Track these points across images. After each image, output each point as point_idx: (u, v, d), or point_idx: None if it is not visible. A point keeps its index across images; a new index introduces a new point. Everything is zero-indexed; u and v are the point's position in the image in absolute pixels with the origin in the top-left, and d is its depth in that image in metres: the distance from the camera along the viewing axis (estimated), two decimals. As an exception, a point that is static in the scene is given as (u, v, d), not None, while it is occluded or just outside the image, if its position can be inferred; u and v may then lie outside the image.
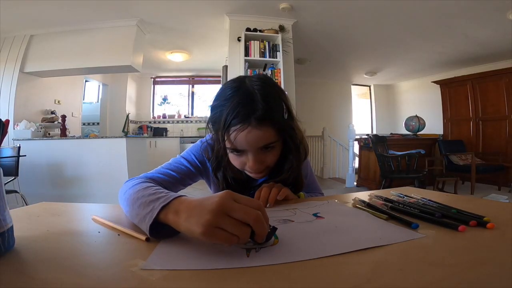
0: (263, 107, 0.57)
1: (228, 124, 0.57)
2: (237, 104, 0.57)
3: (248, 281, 0.27)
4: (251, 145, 0.59)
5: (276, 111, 0.60)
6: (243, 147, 0.59)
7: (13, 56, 3.47)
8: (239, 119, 0.56)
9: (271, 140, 0.60)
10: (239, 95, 0.58)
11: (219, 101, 0.61)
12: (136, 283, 0.26)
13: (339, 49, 4.39)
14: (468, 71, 4.71)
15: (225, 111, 0.57)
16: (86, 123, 5.09)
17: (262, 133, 0.57)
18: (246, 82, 0.61)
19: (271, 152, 0.62)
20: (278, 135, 0.61)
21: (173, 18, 3.43)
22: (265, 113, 0.56)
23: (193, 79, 6.12)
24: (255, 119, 0.56)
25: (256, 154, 0.60)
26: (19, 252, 0.34)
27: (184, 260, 0.32)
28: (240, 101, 0.57)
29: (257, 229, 0.34)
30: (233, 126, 0.56)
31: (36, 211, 0.55)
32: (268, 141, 0.59)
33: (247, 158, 0.61)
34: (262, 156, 0.61)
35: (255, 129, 0.56)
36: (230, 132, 0.57)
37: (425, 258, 0.31)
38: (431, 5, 2.95)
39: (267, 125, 0.57)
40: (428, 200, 0.57)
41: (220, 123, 0.58)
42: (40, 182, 3.18)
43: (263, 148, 0.60)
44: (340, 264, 0.31)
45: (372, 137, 3.77)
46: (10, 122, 0.39)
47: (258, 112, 0.56)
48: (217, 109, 0.60)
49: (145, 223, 0.38)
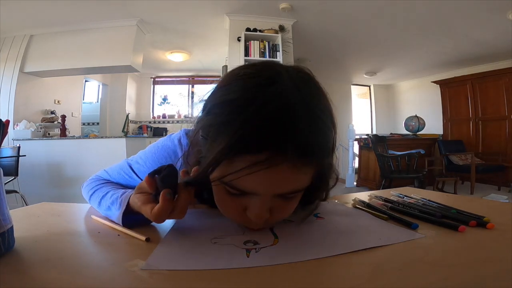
0: (309, 133, 0.33)
1: (242, 148, 0.32)
2: (265, 119, 0.31)
3: (248, 281, 0.27)
4: (270, 189, 0.36)
5: (324, 142, 0.36)
6: (255, 190, 0.35)
7: (13, 56, 3.47)
8: (265, 146, 0.31)
9: (303, 186, 0.38)
10: (271, 103, 0.32)
11: (230, 100, 0.35)
12: (136, 283, 0.26)
13: (339, 49, 4.38)
14: (468, 71, 4.71)
15: (239, 123, 0.32)
16: (86, 123, 5.09)
17: (296, 176, 0.35)
18: (285, 79, 0.35)
19: (289, 202, 0.39)
20: (313, 177, 0.38)
21: (173, 18, 3.42)
22: (309, 144, 0.33)
23: (193, 79, 6.12)
24: (293, 152, 0.32)
25: (269, 200, 0.37)
26: (19, 252, 0.34)
27: (184, 260, 0.32)
28: (271, 114, 0.31)
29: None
30: (251, 154, 0.32)
31: (36, 211, 0.55)
32: (299, 188, 0.37)
33: (250, 202, 0.37)
34: (276, 204, 0.38)
35: (287, 169, 0.33)
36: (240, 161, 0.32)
37: (425, 258, 0.31)
38: (431, 5, 2.95)
39: (307, 163, 0.35)
40: (428, 200, 0.57)
41: (224, 138, 0.32)
42: (40, 182, 3.18)
43: (284, 195, 0.37)
44: (340, 264, 0.31)
45: (372, 137, 3.77)
46: (10, 122, 0.39)
47: (300, 140, 0.32)
48: (223, 110, 0.35)
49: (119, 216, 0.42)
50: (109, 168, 0.61)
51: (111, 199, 0.47)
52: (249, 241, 0.37)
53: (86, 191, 0.57)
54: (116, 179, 0.59)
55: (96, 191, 0.54)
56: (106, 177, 0.60)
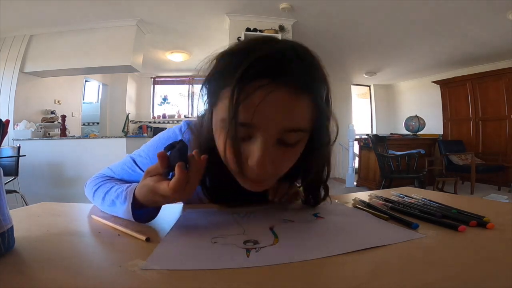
0: (305, 67, 0.39)
1: (241, 75, 0.36)
2: (266, 55, 0.37)
3: (248, 281, 0.27)
4: (270, 119, 0.37)
5: (318, 85, 0.41)
6: (255, 120, 0.37)
7: (13, 56, 3.47)
8: (265, 72, 0.36)
9: (301, 124, 0.40)
10: (270, 47, 0.38)
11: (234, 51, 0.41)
12: (136, 283, 0.26)
13: (339, 49, 4.39)
14: (468, 71, 4.72)
15: (245, 57, 0.36)
16: (86, 123, 5.09)
17: (295, 104, 0.38)
18: (282, 40, 0.43)
19: (290, 151, 0.41)
20: (311, 121, 0.41)
21: (173, 18, 3.42)
22: (307, 76, 0.38)
23: (193, 79, 6.11)
24: (292, 80, 0.37)
25: (270, 141, 0.39)
26: (19, 252, 0.34)
27: (184, 260, 0.32)
28: (271, 53, 0.37)
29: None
30: (254, 81, 0.36)
31: (36, 211, 0.55)
32: (297, 124, 0.39)
33: (252, 148, 0.39)
34: (277, 152, 0.40)
35: (286, 93, 0.37)
36: (246, 89, 0.36)
37: (425, 258, 0.31)
38: (431, 5, 2.95)
39: (305, 95, 0.38)
40: (428, 200, 0.57)
41: (226, 76, 0.38)
42: (40, 182, 3.18)
43: (284, 135, 0.39)
44: (340, 264, 0.31)
45: (372, 137, 3.77)
46: (10, 122, 0.39)
47: (298, 72, 0.37)
48: (229, 59, 0.40)
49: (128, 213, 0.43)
50: (112, 165, 0.62)
51: (116, 193, 0.47)
52: (249, 241, 0.37)
53: (90, 188, 0.57)
54: (120, 175, 0.59)
55: (100, 187, 0.54)
56: (109, 174, 0.61)
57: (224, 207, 0.54)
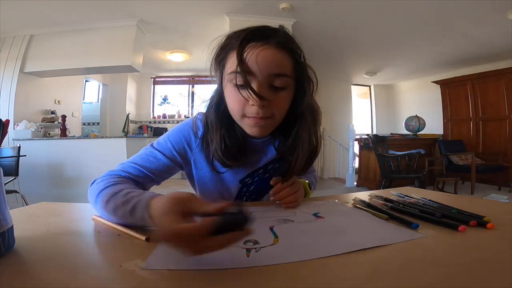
0: (284, 37, 0.54)
1: (241, 40, 0.50)
2: (256, 28, 0.53)
3: (248, 281, 0.27)
4: (263, 66, 0.50)
5: (296, 48, 0.55)
6: (253, 68, 0.50)
7: (13, 56, 3.47)
8: (257, 38, 0.51)
9: (286, 71, 0.53)
10: (259, 26, 0.55)
11: (235, 31, 0.55)
12: (136, 283, 0.26)
13: (339, 49, 4.38)
14: (468, 71, 4.71)
15: (241, 33, 0.52)
16: (86, 123, 5.09)
17: (279, 56, 0.52)
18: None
19: (280, 94, 0.53)
20: (293, 71, 0.54)
21: (173, 18, 3.42)
22: (286, 42, 0.53)
23: (193, 79, 6.12)
24: (275, 42, 0.52)
25: (263, 81, 0.51)
26: (19, 252, 0.34)
27: (184, 260, 0.32)
28: (260, 27, 0.54)
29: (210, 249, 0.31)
30: (248, 44, 0.51)
31: (36, 211, 0.55)
32: (283, 70, 0.52)
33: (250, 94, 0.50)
34: (269, 94, 0.52)
35: (272, 49, 0.51)
36: (242, 51, 0.50)
37: (425, 258, 0.31)
38: (431, 5, 2.95)
39: (285, 52, 0.53)
40: (428, 200, 0.57)
41: (231, 45, 0.53)
42: (40, 182, 3.18)
43: (274, 80, 0.52)
44: (340, 264, 0.31)
45: (372, 137, 3.77)
46: (10, 122, 0.39)
47: (279, 39, 0.52)
48: (232, 35, 0.55)
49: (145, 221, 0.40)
50: (132, 157, 0.61)
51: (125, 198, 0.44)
52: (249, 241, 0.37)
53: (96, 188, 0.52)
54: (143, 165, 0.58)
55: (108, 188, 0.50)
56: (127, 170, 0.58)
57: None
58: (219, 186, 0.66)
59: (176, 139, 0.61)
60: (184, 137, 0.62)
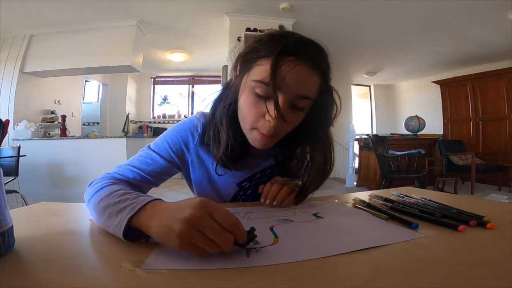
0: (319, 53, 0.52)
1: (279, 52, 0.47)
2: (295, 39, 0.50)
3: (248, 281, 0.27)
4: (293, 85, 0.48)
5: (327, 69, 0.53)
6: (283, 85, 0.48)
7: (13, 56, 3.47)
8: (295, 52, 0.48)
9: (312, 94, 0.51)
10: (296, 36, 0.51)
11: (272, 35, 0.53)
12: (136, 283, 0.26)
13: (339, 49, 4.38)
14: (468, 71, 4.71)
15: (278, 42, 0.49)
16: (86, 123, 5.09)
17: (311, 77, 0.50)
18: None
19: (296, 114, 0.52)
20: (317, 93, 0.52)
21: (173, 18, 3.42)
22: (320, 61, 0.51)
23: (193, 79, 6.12)
24: (310, 61, 0.49)
25: (288, 101, 0.49)
26: (19, 252, 0.34)
27: (184, 260, 0.32)
28: (296, 39, 0.50)
29: (226, 250, 0.32)
30: (285, 57, 0.47)
31: (36, 211, 0.55)
32: (309, 93, 0.51)
33: (270, 105, 0.49)
34: (288, 113, 0.50)
35: (306, 68, 0.48)
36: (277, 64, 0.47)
37: (425, 258, 0.31)
38: (431, 5, 2.95)
39: (317, 72, 0.50)
40: (428, 200, 0.57)
41: (264, 51, 0.49)
42: (40, 182, 3.18)
43: (298, 101, 0.50)
44: (340, 264, 0.31)
45: (372, 137, 3.77)
46: (10, 122, 0.39)
47: (314, 56, 0.50)
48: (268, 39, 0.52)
49: (117, 234, 0.37)
50: (130, 159, 0.60)
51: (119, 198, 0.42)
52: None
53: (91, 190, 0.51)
54: (140, 167, 0.57)
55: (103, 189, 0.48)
56: (123, 173, 0.56)
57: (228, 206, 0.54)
58: (216, 188, 0.65)
59: (173, 139, 0.60)
60: (181, 137, 0.61)
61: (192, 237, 0.31)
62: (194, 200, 0.33)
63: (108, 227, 0.40)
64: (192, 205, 0.32)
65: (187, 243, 0.31)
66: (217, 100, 0.60)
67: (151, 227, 0.34)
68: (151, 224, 0.34)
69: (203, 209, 0.32)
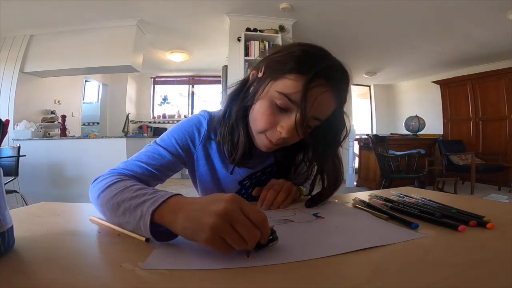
0: (342, 83, 0.53)
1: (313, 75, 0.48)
2: (331, 65, 0.51)
3: (248, 281, 0.27)
4: (315, 109, 0.50)
5: (345, 96, 0.55)
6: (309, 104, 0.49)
7: (13, 56, 3.47)
8: (326, 77, 0.49)
9: (325, 117, 0.53)
10: (331, 60, 0.52)
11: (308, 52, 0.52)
12: (136, 283, 0.26)
13: (339, 49, 4.38)
14: (468, 71, 4.71)
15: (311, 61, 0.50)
16: (86, 123, 5.09)
17: (332, 105, 0.52)
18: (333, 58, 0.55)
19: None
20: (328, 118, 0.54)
21: (173, 18, 3.42)
22: (343, 89, 0.53)
23: (193, 79, 6.12)
24: (336, 88, 0.51)
25: (305, 119, 0.50)
26: (19, 252, 0.34)
27: (184, 260, 0.32)
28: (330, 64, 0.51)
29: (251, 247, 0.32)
30: (316, 79, 0.48)
31: (36, 211, 0.55)
32: (324, 117, 0.53)
33: (287, 118, 0.51)
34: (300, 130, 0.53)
35: (330, 96, 0.50)
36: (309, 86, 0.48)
37: (425, 258, 0.31)
38: (431, 5, 2.95)
39: (337, 100, 0.52)
40: (428, 200, 0.57)
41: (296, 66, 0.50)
42: (40, 182, 3.18)
43: (312, 121, 0.52)
44: (340, 264, 0.31)
45: (372, 137, 3.77)
46: (10, 122, 0.39)
47: (340, 84, 0.52)
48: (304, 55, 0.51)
49: (141, 230, 0.36)
50: (136, 154, 0.59)
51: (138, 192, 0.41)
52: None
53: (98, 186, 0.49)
54: (148, 162, 0.57)
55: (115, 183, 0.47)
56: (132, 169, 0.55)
57: None
58: (220, 185, 0.66)
59: (180, 135, 0.61)
60: (188, 133, 0.62)
61: (224, 231, 0.30)
62: (225, 195, 0.33)
63: (125, 224, 0.39)
64: (225, 199, 0.32)
65: (218, 237, 0.31)
66: (233, 97, 0.60)
67: (177, 220, 0.33)
68: (177, 217, 0.33)
69: (236, 204, 0.32)
